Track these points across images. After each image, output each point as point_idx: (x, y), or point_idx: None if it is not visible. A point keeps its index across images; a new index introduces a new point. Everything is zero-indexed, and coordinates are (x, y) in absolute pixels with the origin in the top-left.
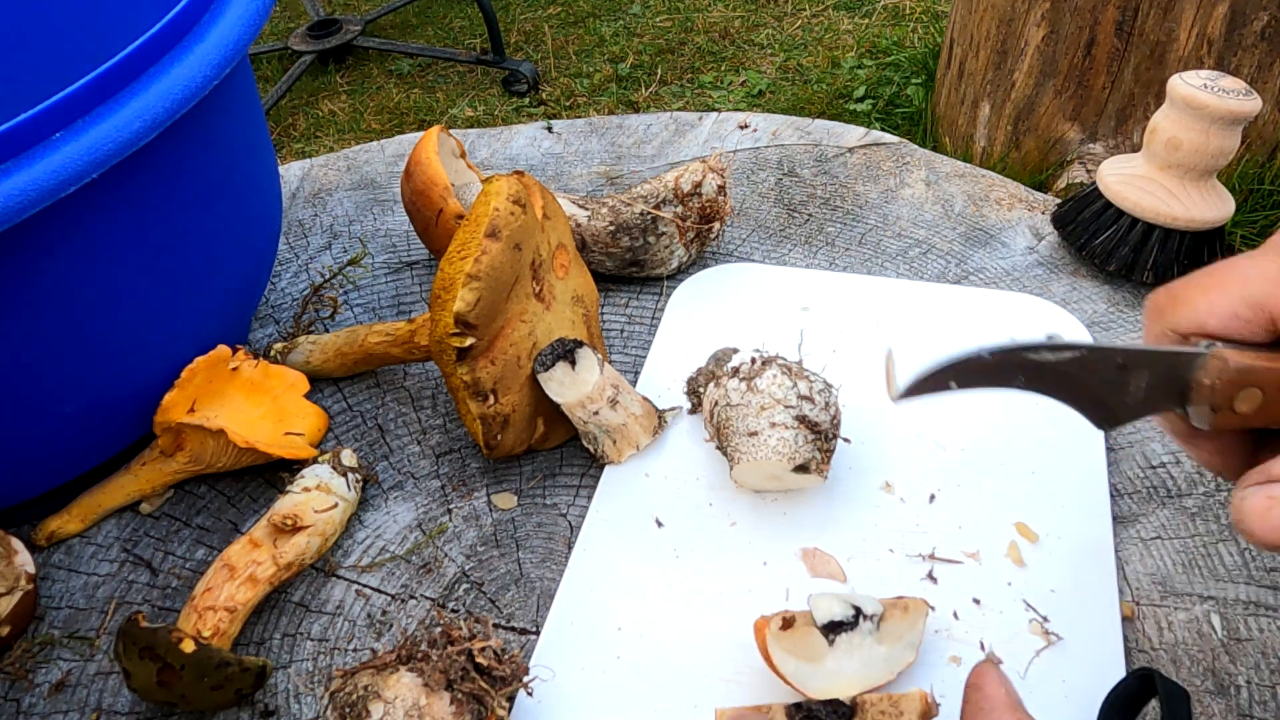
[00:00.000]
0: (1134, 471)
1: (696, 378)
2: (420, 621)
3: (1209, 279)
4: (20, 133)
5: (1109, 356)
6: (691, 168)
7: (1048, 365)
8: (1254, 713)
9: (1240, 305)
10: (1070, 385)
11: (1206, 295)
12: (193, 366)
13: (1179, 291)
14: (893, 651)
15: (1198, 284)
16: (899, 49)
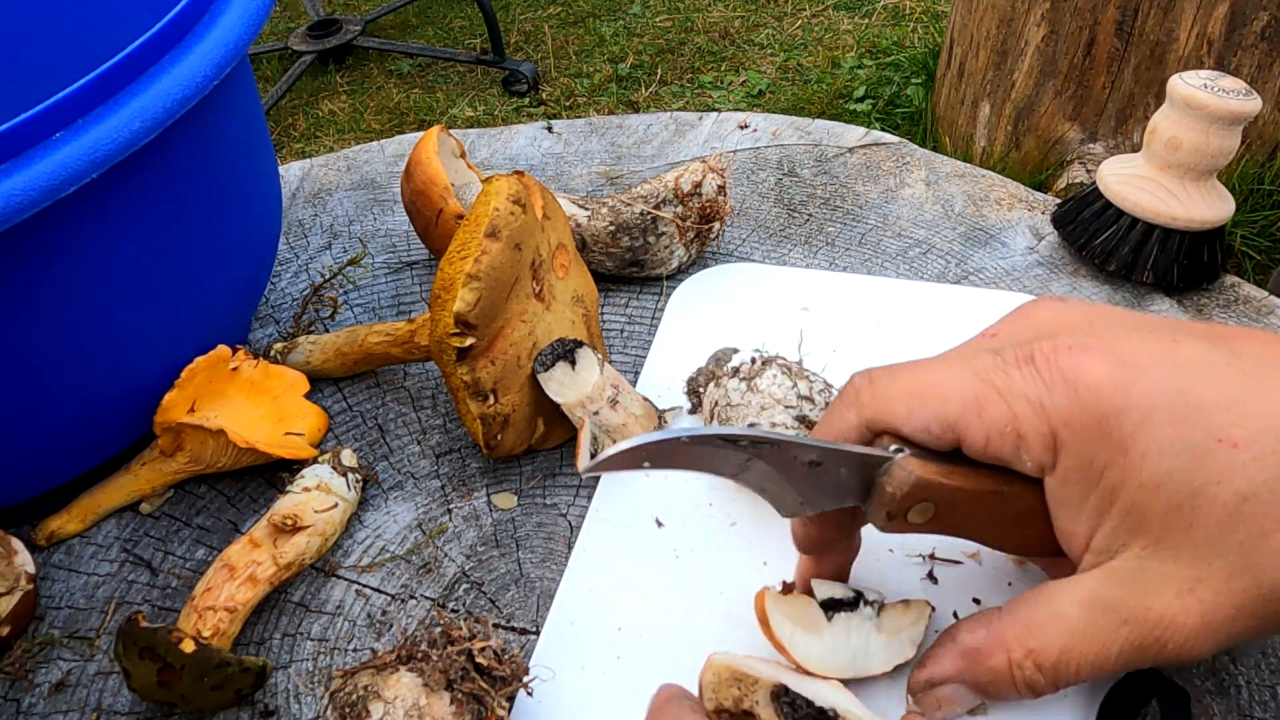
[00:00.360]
0: None
1: (696, 378)
2: (420, 621)
3: (912, 387)
4: (20, 133)
5: (802, 453)
6: (691, 168)
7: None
8: (1254, 713)
9: (934, 423)
10: (762, 477)
11: (906, 404)
12: (193, 366)
13: (881, 390)
14: (891, 644)
15: (901, 388)
16: (899, 49)
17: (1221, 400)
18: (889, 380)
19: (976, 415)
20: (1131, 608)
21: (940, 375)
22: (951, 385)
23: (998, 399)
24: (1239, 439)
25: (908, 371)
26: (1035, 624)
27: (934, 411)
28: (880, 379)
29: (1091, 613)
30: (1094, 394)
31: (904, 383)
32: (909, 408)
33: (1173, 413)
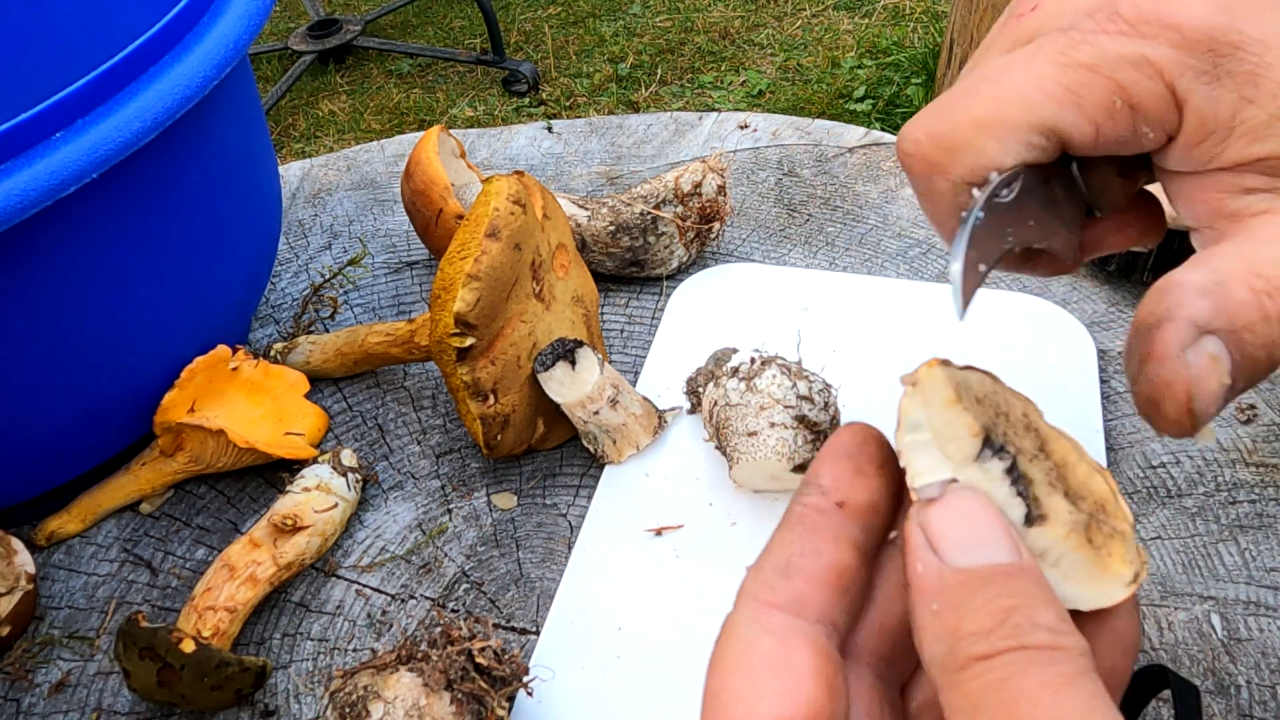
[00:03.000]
0: (1134, 471)
1: (696, 378)
2: (420, 621)
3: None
4: (20, 133)
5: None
6: (691, 168)
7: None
8: (1254, 713)
9: (1032, 139)
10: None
11: (988, 134)
12: (193, 366)
13: (948, 136)
14: None
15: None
16: (899, 49)
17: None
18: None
19: (1076, 107)
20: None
21: (1012, 82)
22: (1031, 87)
23: (1093, 77)
24: None
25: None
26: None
27: (1025, 128)
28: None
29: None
30: (1205, 33)
31: (975, 113)
32: (998, 138)
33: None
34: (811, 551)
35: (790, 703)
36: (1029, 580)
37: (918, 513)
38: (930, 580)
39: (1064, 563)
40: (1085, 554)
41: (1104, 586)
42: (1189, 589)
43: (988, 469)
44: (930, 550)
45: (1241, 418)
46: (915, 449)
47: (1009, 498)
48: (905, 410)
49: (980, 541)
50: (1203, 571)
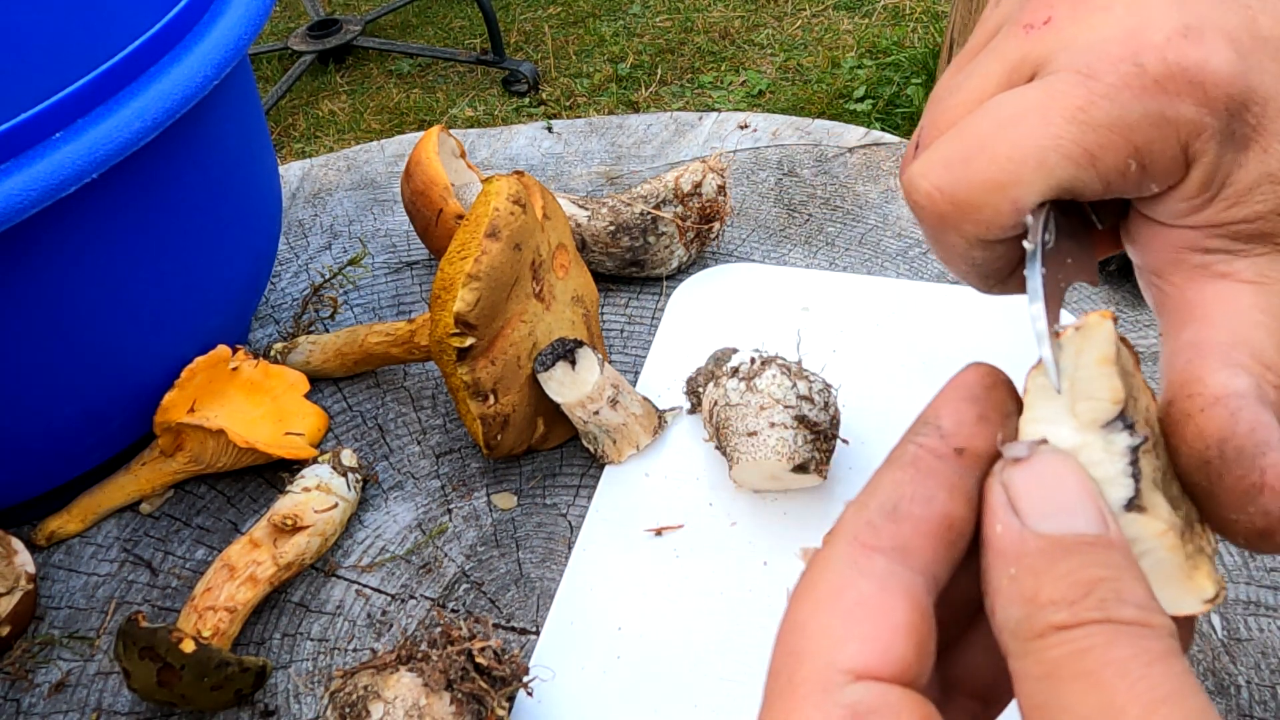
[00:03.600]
0: None
1: (696, 378)
2: (420, 621)
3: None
4: (20, 133)
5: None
6: (691, 168)
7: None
8: (1254, 713)
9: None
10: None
11: (1004, 194)
12: (193, 366)
13: (963, 194)
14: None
15: (984, 177)
16: (899, 49)
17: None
18: (966, 182)
19: (1091, 166)
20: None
21: (1028, 140)
22: (1048, 147)
23: (1112, 138)
24: None
25: (980, 159)
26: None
27: (1041, 190)
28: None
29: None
30: (1225, 90)
31: (990, 172)
32: (1013, 200)
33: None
34: (924, 498)
35: (879, 655)
36: (1118, 554)
37: (1001, 470)
38: (1009, 543)
39: (1149, 559)
40: (1176, 557)
41: (1184, 595)
42: None
43: (1112, 441)
44: (1011, 511)
45: None
46: (1045, 393)
47: (1119, 476)
48: (1053, 353)
49: (1068, 509)
50: None
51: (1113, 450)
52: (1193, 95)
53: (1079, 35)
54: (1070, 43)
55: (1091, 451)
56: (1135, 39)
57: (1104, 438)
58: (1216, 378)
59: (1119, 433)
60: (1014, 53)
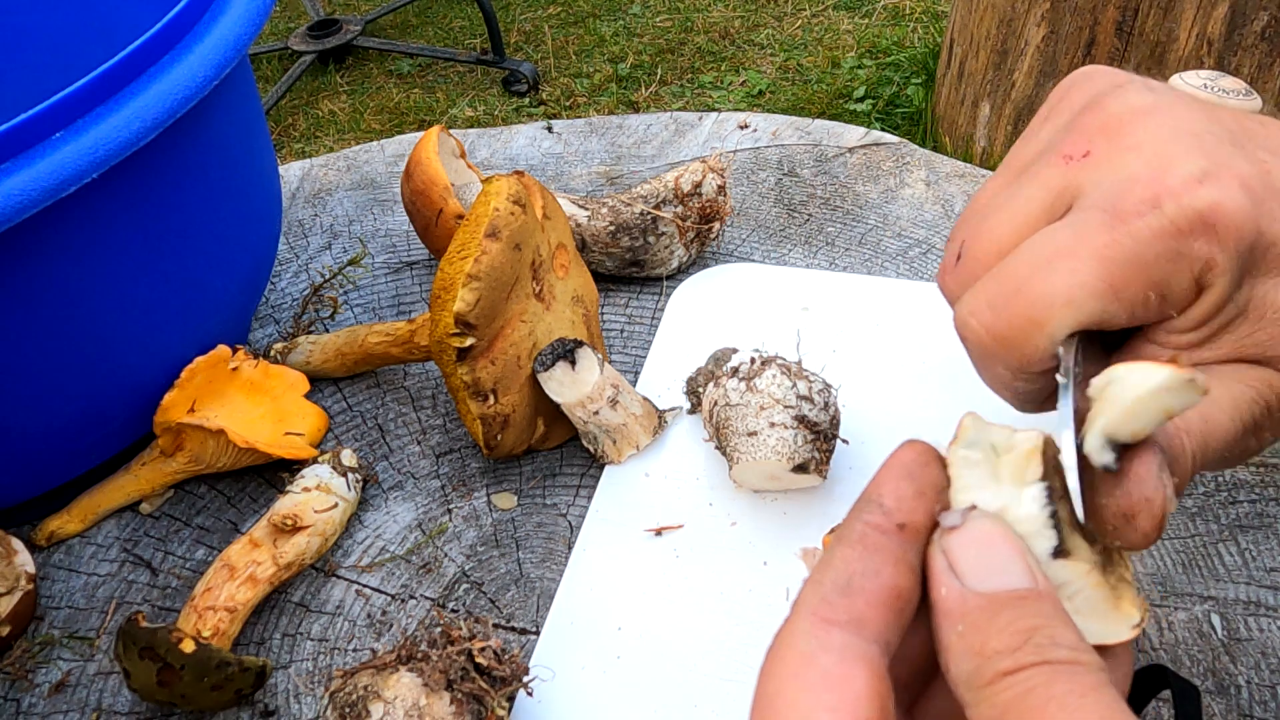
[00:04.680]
0: None
1: (696, 378)
2: (420, 621)
3: (1030, 308)
4: (20, 133)
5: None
6: (691, 168)
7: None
8: (1254, 713)
9: (1078, 327)
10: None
11: (1041, 330)
12: (193, 366)
13: (1004, 332)
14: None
15: (1021, 316)
16: (899, 49)
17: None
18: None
19: (1116, 300)
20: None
21: (1056, 283)
22: (1077, 288)
23: (1134, 274)
24: None
25: (1018, 300)
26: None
27: (1070, 325)
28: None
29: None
30: (1235, 231)
31: (1028, 313)
32: (1047, 335)
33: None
34: (873, 572)
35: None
36: (1048, 604)
37: (940, 539)
38: (954, 603)
39: (1079, 598)
40: (1102, 592)
41: (1114, 624)
42: (1189, 589)
43: (1032, 495)
44: (953, 575)
45: None
46: (967, 464)
47: (1043, 528)
48: (966, 426)
49: (1000, 567)
50: (1203, 571)
51: (1035, 504)
52: (1205, 235)
53: (1110, 172)
54: (1102, 179)
55: (1016, 510)
56: (1158, 181)
57: (1025, 493)
58: None
59: (1039, 489)
60: (1056, 181)
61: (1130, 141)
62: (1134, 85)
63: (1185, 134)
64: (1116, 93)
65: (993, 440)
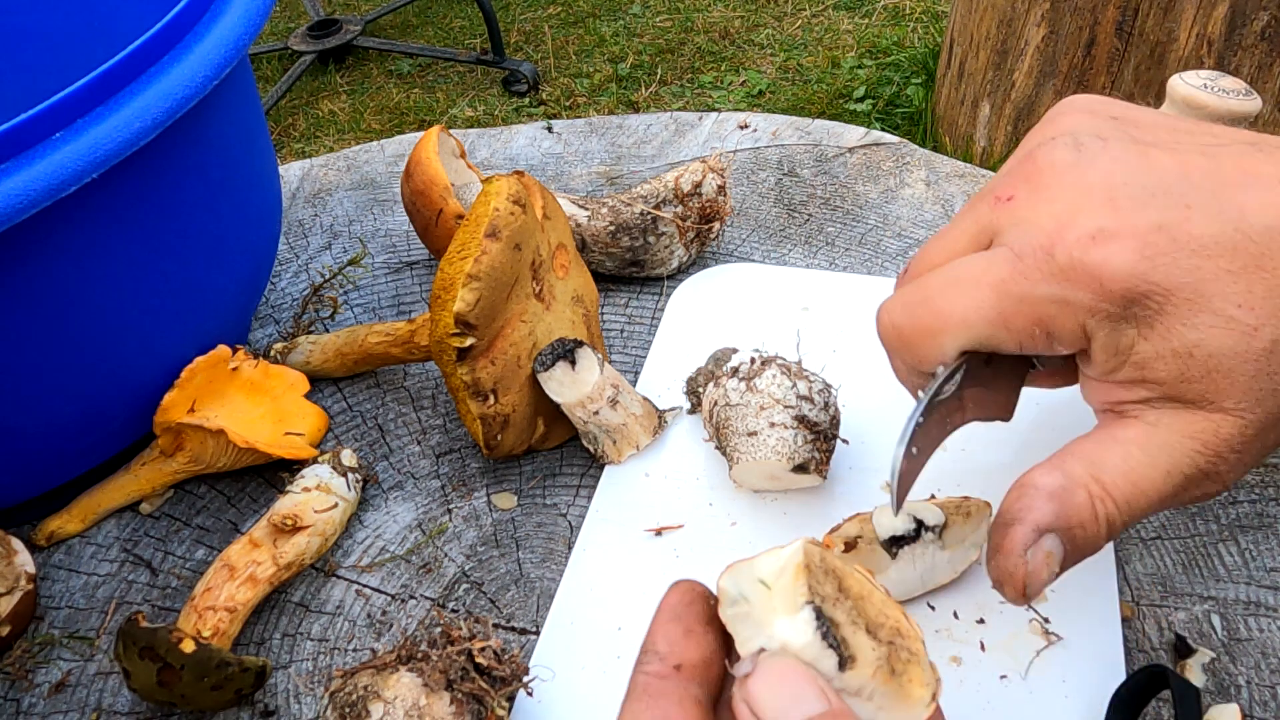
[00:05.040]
0: None
1: (696, 378)
2: (420, 621)
3: (934, 327)
4: (20, 133)
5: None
6: (691, 168)
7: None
8: (1254, 713)
9: (969, 345)
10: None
11: (935, 340)
12: (193, 366)
13: (908, 333)
14: (956, 554)
15: (922, 324)
16: (899, 49)
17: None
18: (910, 319)
19: (1004, 329)
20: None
21: (961, 302)
22: (970, 309)
23: (1022, 309)
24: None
25: (924, 309)
26: (1100, 461)
27: (964, 341)
28: (900, 319)
29: (1145, 450)
30: (1121, 285)
31: (929, 321)
32: (941, 346)
33: (1189, 292)
34: (660, 718)
35: None
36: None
37: (739, 690)
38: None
39: (876, 695)
40: (890, 686)
41: (909, 710)
42: (1189, 589)
43: (804, 620)
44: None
45: None
46: (738, 620)
47: (821, 650)
48: (724, 587)
49: (794, 701)
50: (1203, 571)
51: (809, 631)
52: (1089, 287)
53: (1026, 217)
54: (1018, 222)
55: (795, 640)
56: (1059, 233)
57: (798, 623)
58: (1036, 471)
59: (808, 613)
60: (985, 218)
61: (1046, 195)
62: (1064, 140)
63: (1098, 190)
64: (1048, 146)
65: (759, 576)
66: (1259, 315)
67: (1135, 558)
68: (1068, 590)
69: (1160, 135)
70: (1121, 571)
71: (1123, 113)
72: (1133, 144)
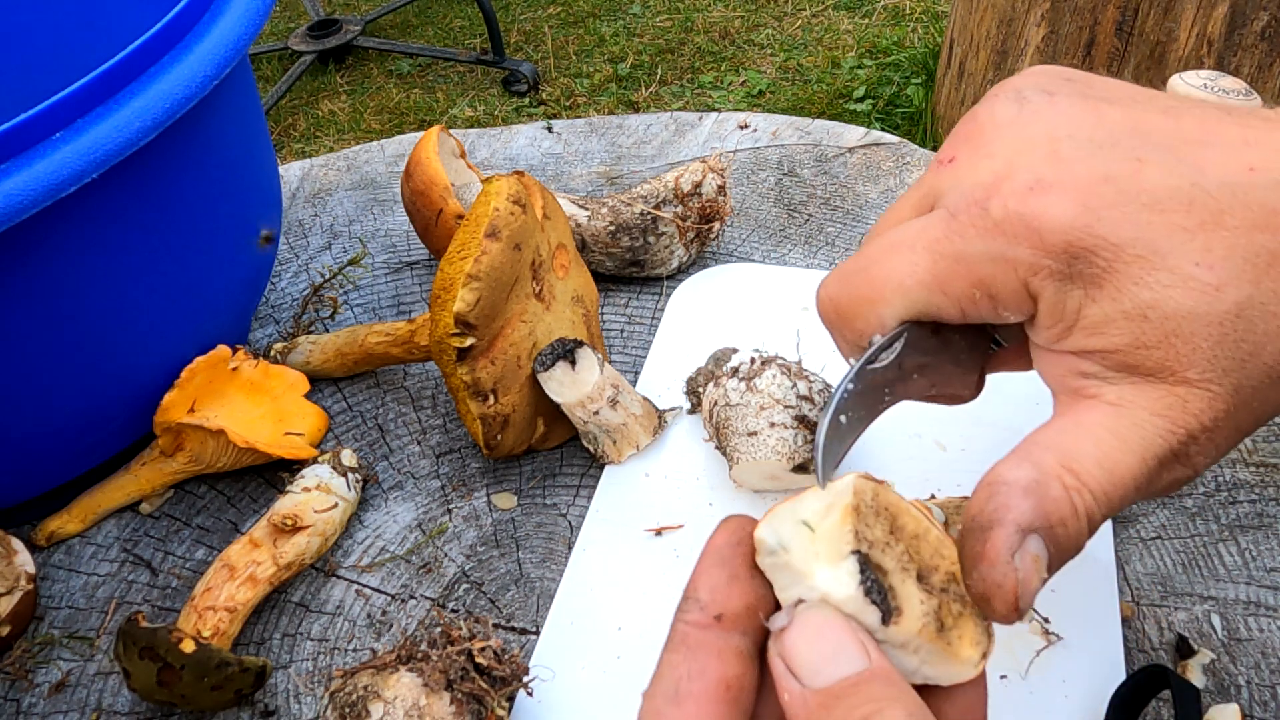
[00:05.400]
0: None
1: (696, 378)
2: (420, 621)
3: (867, 293)
4: (20, 133)
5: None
6: (691, 168)
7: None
8: (1254, 713)
9: (906, 313)
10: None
11: (873, 309)
12: (193, 366)
13: (844, 305)
14: None
15: (858, 294)
16: (899, 49)
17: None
18: (846, 290)
19: (942, 293)
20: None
21: (894, 267)
22: (905, 274)
23: (958, 269)
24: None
25: (859, 277)
26: (1069, 449)
27: (900, 309)
28: (836, 291)
29: (1115, 434)
30: (1061, 238)
31: (863, 290)
32: (877, 315)
33: (1141, 248)
34: (698, 672)
35: None
36: (878, 684)
37: (774, 643)
38: (797, 707)
39: (923, 650)
40: (937, 645)
41: (956, 669)
42: (1189, 589)
43: (848, 571)
44: (792, 676)
45: None
46: (776, 569)
47: (864, 604)
48: (761, 536)
49: (832, 657)
50: (1203, 571)
51: (852, 583)
52: (1029, 240)
53: (964, 177)
54: (958, 183)
55: (836, 592)
56: (995, 186)
57: (841, 574)
58: (1003, 467)
59: (852, 564)
60: (928, 182)
61: (986, 150)
62: (1006, 95)
63: (1040, 143)
64: (987, 103)
65: (803, 517)
66: (1220, 274)
67: (1135, 558)
68: (1068, 590)
69: (1117, 93)
70: (1121, 571)
71: (1079, 76)
72: (1082, 99)
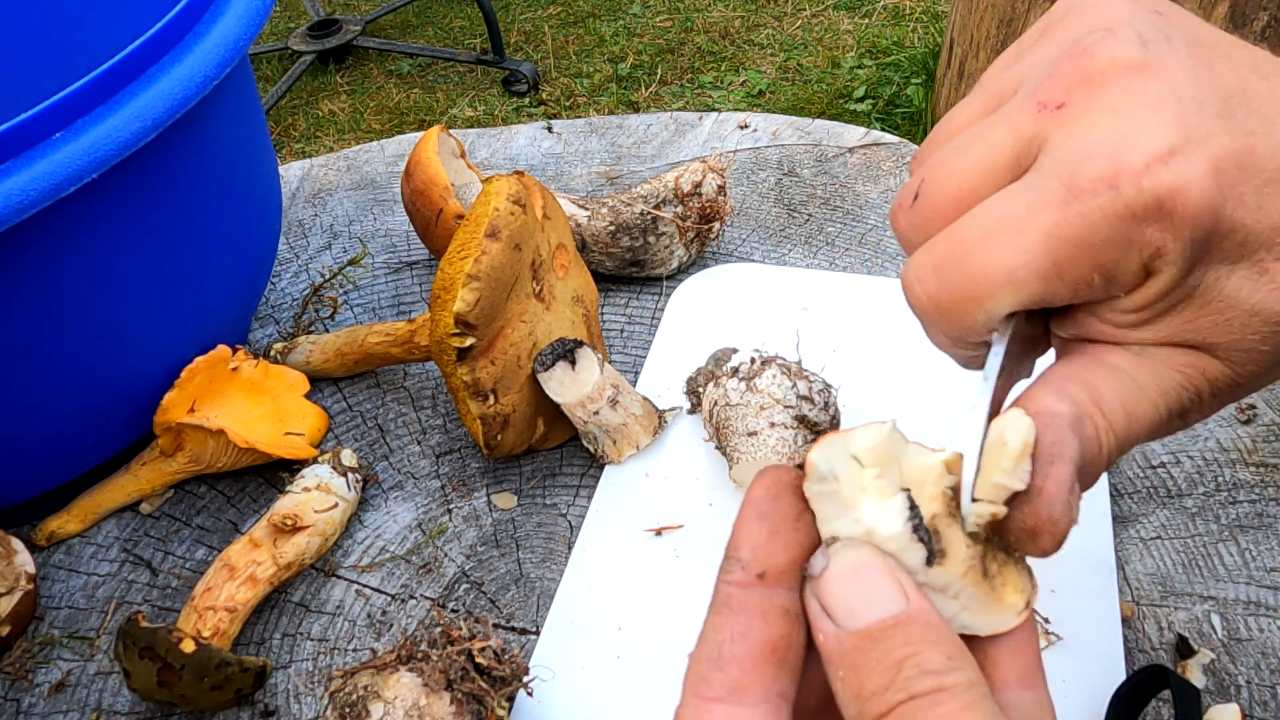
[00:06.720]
0: (1134, 471)
1: (696, 378)
2: (420, 621)
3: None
4: (20, 133)
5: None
6: (691, 168)
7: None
8: (1254, 713)
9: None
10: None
11: (980, 306)
12: (193, 366)
13: (946, 303)
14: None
15: (962, 290)
16: (899, 49)
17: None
18: (949, 293)
19: (1059, 280)
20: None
21: (999, 256)
22: (1018, 264)
23: (1080, 255)
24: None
25: (959, 272)
26: (1098, 389)
27: (1012, 304)
28: (939, 295)
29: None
30: (1193, 218)
31: (969, 288)
32: (986, 312)
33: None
34: (741, 634)
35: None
36: (916, 626)
37: (810, 585)
38: (833, 648)
39: (964, 596)
40: (981, 589)
41: (999, 617)
42: (1189, 589)
43: (896, 508)
44: (827, 619)
45: (1242, 418)
46: (822, 498)
47: (909, 542)
48: (814, 461)
49: (869, 599)
50: (1203, 571)
51: (899, 520)
52: (1159, 222)
53: (1080, 132)
54: (1070, 138)
55: (881, 529)
56: (1120, 158)
57: (889, 510)
58: (1044, 398)
59: (901, 501)
60: (1026, 129)
61: (1107, 102)
62: (1126, 33)
63: (1168, 100)
64: (1107, 40)
65: (853, 451)
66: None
67: (1135, 558)
68: (1068, 590)
69: (1215, 41)
70: (1121, 571)
71: (1165, 7)
72: (1197, 48)
